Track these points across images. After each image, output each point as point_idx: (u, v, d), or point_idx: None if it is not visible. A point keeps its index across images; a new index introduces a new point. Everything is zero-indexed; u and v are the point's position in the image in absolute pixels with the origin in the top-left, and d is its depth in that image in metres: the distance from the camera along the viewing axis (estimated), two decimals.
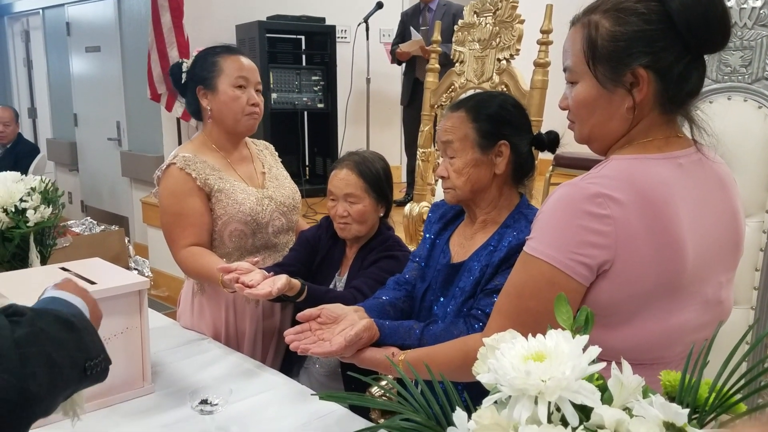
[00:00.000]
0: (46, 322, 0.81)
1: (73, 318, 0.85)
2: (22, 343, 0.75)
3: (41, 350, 0.77)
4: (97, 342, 0.88)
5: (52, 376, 0.77)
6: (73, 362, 0.82)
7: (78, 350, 0.83)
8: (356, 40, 4.93)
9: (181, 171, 1.81)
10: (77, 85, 6.14)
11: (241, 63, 1.88)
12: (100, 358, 0.87)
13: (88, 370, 0.84)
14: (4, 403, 0.71)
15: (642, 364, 1.00)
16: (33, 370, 0.74)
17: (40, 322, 0.80)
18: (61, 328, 0.82)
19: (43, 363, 0.76)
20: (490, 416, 0.62)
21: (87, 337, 0.86)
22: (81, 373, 0.83)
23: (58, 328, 0.81)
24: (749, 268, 1.45)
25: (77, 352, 0.83)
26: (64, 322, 0.83)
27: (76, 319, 0.86)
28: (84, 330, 0.86)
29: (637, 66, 1.03)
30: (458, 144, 1.43)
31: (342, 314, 1.37)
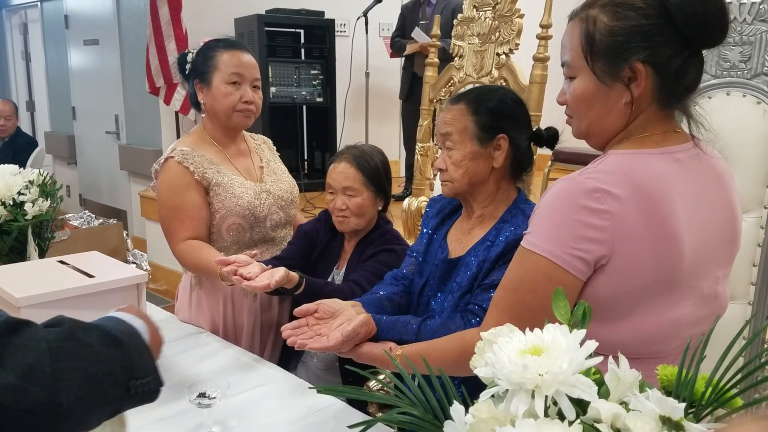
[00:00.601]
0: (91, 336, 0.80)
1: (121, 335, 0.84)
2: (57, 357, 0.74)
3: (77, 365, 0.75)
4: (147, 362, 0.86)
5: (87, 391, 0.76)
6: (114, 379, 0.80)
7: (121, 368, 0.81)
8: (355, 34, 4.91)
9: (179, 165, 1.81)
10: (75, 79, 6.12)
11: (237, 59, 1.86)
12: (148, 378, 0.85)
13: (132, 389, 0.82)
14: (31, 416, 0.71)
15: (639, 358, 1.00)
16: (66, 385, 0.73)
17: (82, 335, 0.79)
18: (105, 344, 0.81)
19: (78, 377, 0.75)
20: (487, 410, 0.63)
21: (135, 355, 0.84)
22: (123, 391, 0.81)
23: (101, 343, 0.80)
24: (747, 264, 1.46)
25: (120, 370, 0.81)
26: (111, 338, 0.82)
27: (124, 337, 0.84)
28: (132, 348, 0.84)
29: (635, 61, 1.03)
30: (457, 136, 1.43)
31: (339, 309, 1.37)
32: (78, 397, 0.74)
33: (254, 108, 1.89)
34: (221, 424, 1.27)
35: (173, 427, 1.26)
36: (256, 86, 1.90)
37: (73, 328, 0.79)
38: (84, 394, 0.75)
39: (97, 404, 0.78)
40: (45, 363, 0.72)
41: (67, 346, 0.75)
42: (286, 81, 4.91)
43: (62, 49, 6.24)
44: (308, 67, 5.03)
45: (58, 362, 0.73)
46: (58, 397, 0.72)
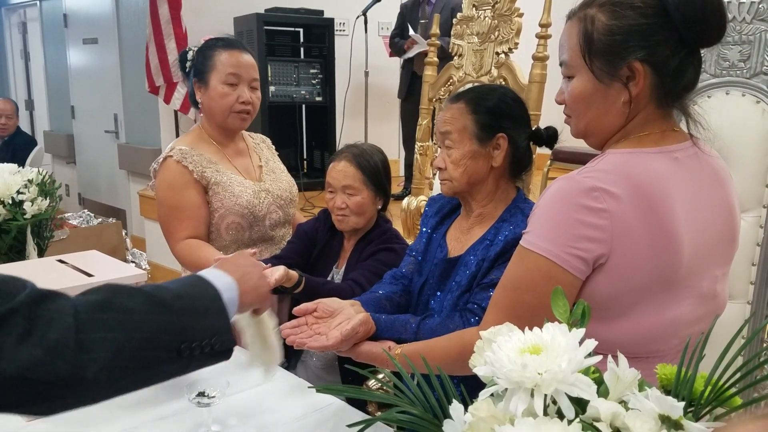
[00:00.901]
0: (133, 301, 0.80)
1: (173, 299, 0.84)
2: (83, 329, 0.74)
3: (107, 336, 0.76)
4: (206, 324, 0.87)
5: (118, 360, 0.77)
6: (157, 345, 0.81)
7: (166, 332, 0.82)
8: (355, 33, 4.91)
9: (177, 164, 1.81)
10: (74, 78, 6.11)
11: (235, 59, 1.86)
12: (206, 341, 0.86)
13: (185, 353, 0.83)
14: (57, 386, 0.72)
15: (638, 357, 1.01)
16: (92, 356, 0.74)
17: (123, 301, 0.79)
18: (148, 310, 0.81)
19: (107, 348, 0.75)
20: (486, 409, 0.63)
21: (187, 318, 0.84)
22: (173, 354, 0.82)
23: (144, 310, 0.80)
24: (746, 263, 1.46)
25: (163, 334, 0.81)
26: (157, 303, 0.82)
27: (178, 301, 0.84)
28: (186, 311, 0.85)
29: (634, 60, 1.03)
30: (456, 135, 1.43)
31: (338, 308, 1.37)
32: (106, 367, 0.75)
33: (251, 108, 1.89)
34: (220, 423, 1.27)
35: (172, 426, 1.26)
36: (254, 86, 1.89)
37: (112, 296, 0.79)
38: (114, 363, 0.76)
39: (133, 370, 0.79)
40: (70, 336, 0.73)
41: (97, 318, 0.76)
42: (285, 80, 4.90)
43: (61, 48, 6.23)
44: (307, 66, 5.03)
45: (84, 334, 0.74)
46: (83, 369, 0.73)
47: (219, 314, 0.90)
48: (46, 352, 0.71)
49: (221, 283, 0.94)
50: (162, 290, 0.85)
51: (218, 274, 0.97)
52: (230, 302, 0.94)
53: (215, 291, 0.92)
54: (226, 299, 0.93)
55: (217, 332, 0.88)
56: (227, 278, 0.96)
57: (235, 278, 0.97)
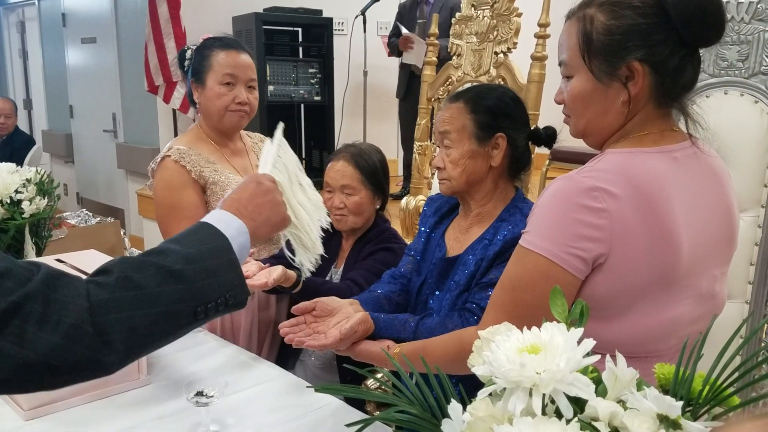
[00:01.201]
0: (145, 277, 0.79)
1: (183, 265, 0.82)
2: (99, 312, 0.75)
3: (123, 315, 0.76)
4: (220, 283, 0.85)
5: (136, 336, 0.77)
6: (174, 314, 0.81)
7: (181, 301, 0.81)
8: (353, 33, 4.91)
9: (176, 163, 1.81)
10: (73, 77, 6.11)
11: (231, 59, 1.85)
12: (221, 299, 0.85)
13: (200, 314, 0.83)
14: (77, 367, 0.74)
15: (636, 357, 1.01)
16: (109, 338, 0.75)
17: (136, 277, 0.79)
18: (161, 282, 0.80)
19: (123, 327, 0.76)
20: (485, 408, 0.63)
21: (200, 282, 0.83)
22: (190, 318, 0.83)
23: (156, 283, 0.80)
24: (744, 263, 1.46)
25: (181, 304, 0.81)
26: (169, 274, 0.81)
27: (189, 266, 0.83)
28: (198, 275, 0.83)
29: (633, 59, 1.03)
30: (455, 135, 1.44)
31: (337, 307, 1.37)
32: (124, 347, 0.76)
33: (248, 109, 1.88)
34: (219, 422, 1.26)
35: (170, 425, 1.26)
36: (251, 86, 1.89)
37: (123, 274, 0.78)
38: (131, 340, 0.77)
39: (151, 342, 0.80)
40: (86, 321, 0.74)
41: (112, 298, 0.76)
42: (284, 79, 4.90)
43: (59, 47, 6.23)
44: (306, 66, 5.03)
45: (99, 316, 0.74)
46: (102, 352, 0.75)
47: (231, 269, 0.88)
48: (64, 337, 0.72)
49: (231, 231, 0.90)
50: (172, 255, 0.83)
51: (227, 218, 0.92)
52: (242, 248, 0.92)
53: (226, 243, 0.89)
54: (237, 247, 0.90)
55: (231, 288, 0.87)
56: (236, 222, 0.92)
57: (244, 219, 0.94)
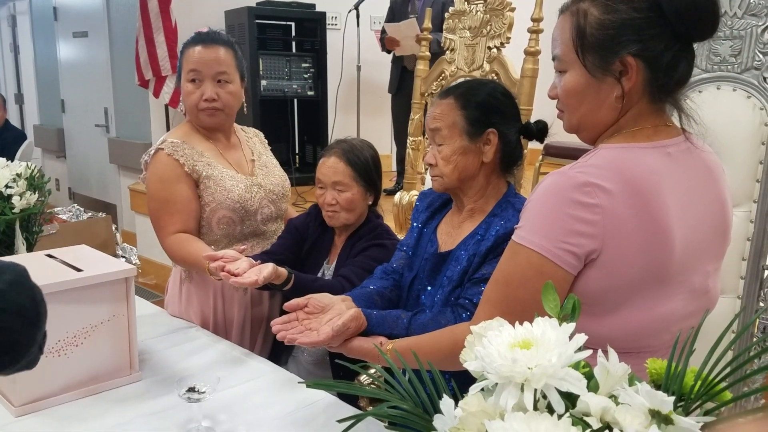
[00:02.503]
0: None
1: None
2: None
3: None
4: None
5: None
6: None
7: None
8: (346, 27, 4.89)
9: (169, 157, 1.79)
10: (64, 71, 6.07)
11: (196, 55, 1.80)
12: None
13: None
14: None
15: (629, 352, 1.01)
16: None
17: None
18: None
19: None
20: (476, 403, 0.62)
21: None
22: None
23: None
24: (736, 258, 1.46)
25: None
26: None
27: None
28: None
29: (626, 54, 1.03)
30: (446, 131, 1.43)
31: (329, 304, 1.37)
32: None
33: (219, 105, 1.82)
34: (211, 418, 1.26)
35: (163, 421, 1.25)
36: (222, 80, 1.82)
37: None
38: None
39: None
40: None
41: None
42: (276, 74, 4.88)
43: (51, 41, 6.19)
44: (299, 60, 5.01)
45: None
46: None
47: None
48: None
49: None
50: None
51: None
52: None
53: None
54: None
55: None
56: None
57: None
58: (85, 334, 1.34)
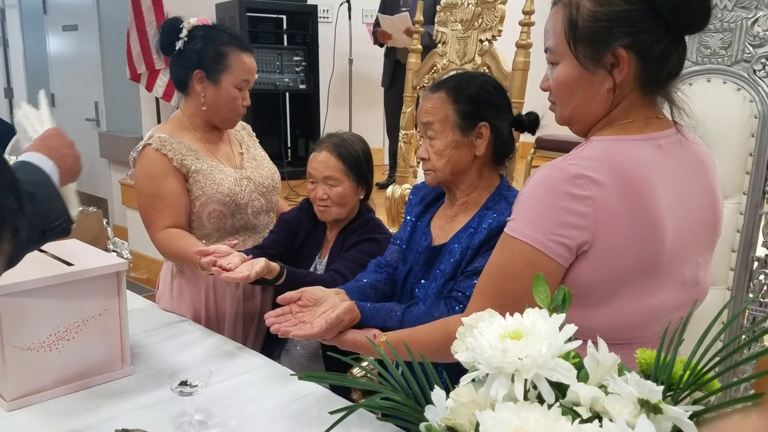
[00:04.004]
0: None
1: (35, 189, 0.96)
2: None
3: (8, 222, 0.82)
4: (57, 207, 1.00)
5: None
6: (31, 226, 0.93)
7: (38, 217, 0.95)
8: (338, 20, 4.88)
9: (157, 152, 1.78)
10: (54, 65, 6.02)
11: (251, 65, 1.86)
12: (59, 221, 1.00)
13: (47, 233, 0.98)
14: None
15: (620, 343, 1.01)
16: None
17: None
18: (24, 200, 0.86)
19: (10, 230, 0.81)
20: (467, 394, 0.63)
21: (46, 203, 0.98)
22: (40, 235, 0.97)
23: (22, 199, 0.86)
24: (726, 250, 1.47)
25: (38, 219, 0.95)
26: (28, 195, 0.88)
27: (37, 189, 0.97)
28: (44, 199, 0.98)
29: (618, 46, 1.03)
30: (438, 125, 1.43)
31: (323, 297, 1.37)
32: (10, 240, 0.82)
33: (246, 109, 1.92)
34: (203, 412, 1.26)
35: (155, 415, 1.25)
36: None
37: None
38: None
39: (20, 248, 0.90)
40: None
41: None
42: (268, 67, 4.86)
43: (40, 35, 6.13)
44: (291, 54, 4.99)
45: None
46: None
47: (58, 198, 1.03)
48: None
49: (47, 168, 1.05)
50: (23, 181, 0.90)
51: (41, 159, 1.06)
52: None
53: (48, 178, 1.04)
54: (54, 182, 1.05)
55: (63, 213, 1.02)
56: (49, 162, 1.07)
57: (54, 161, 1.08)
58: (77, 328, 1.34)
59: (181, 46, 1.83)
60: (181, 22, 1.84)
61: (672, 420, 0.57)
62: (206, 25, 1.86)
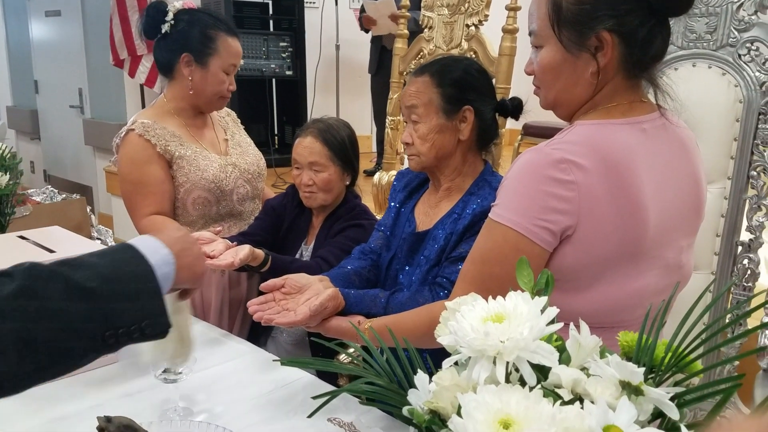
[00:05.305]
0: (51, 289, 0.73)
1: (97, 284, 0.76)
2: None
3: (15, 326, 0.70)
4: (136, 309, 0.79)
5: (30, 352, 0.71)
6: (77, 332, 0.75)
7: (88, 321, 0.75)
8: (325, 6, 4.83)
9: (140, 138, 1.76)
10: (37, 51, 5.94)
11: (238, 49, 1.87)
12: (133, 327, 0.79)
13: (109, 338, 0.77)
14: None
15: (603, 327, 1.02)
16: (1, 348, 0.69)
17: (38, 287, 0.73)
18: (67, 298, 0.74)
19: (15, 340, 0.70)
20: (450, 377, 0.63)
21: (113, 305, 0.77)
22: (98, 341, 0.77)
23: (63, 298, 0.74)
24: (710, 234, 1.48)
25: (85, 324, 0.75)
26: (79, 289, 0.75)
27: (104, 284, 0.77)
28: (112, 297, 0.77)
29: (602, 30, 1.02)
30: (422, 109, 1.42)
31: (307, 284, 1.36)
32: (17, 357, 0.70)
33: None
34: (188, 399, 1.25)
35: (139, 402, 1.24)
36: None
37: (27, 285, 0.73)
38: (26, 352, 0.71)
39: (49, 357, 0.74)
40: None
41: (9, 306, 0.70)
42: (254, 53, 4.81)
43: (23, 20, 6.04)
44: (277, 40, 4.94)
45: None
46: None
47: (152, 296, 0.82)
48: None
49: (157, 258, 0.85)
50: (87, 270, 0.78)
51: (155, 245, 0.86)
52: (165, 279, 0.85)
53: (149, 268, 0.83)
54: (161, 276, 0.84)
55: (149, 315, 0.81)
56: (164, 250, 0.86)
57: (173, 252, 0.87)
58: None
59: (167, 30, 1.81)
60: (166, 5, 1.82)
61: (653, 402, 0.57)
62: (192, 9, 1.84)
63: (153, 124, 1.78)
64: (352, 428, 1.13)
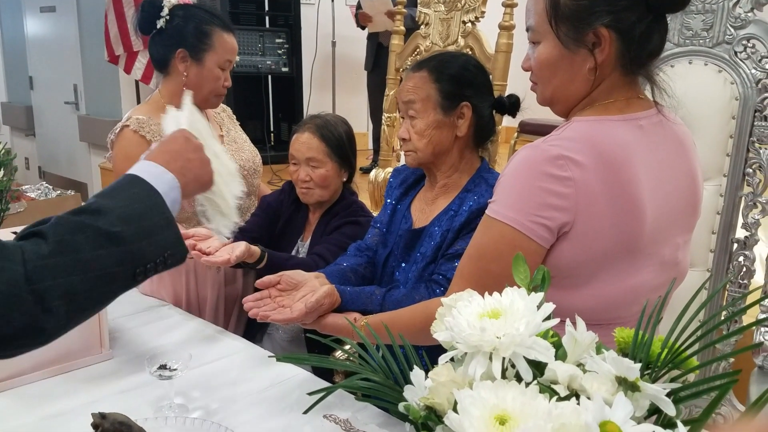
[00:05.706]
0: (81, 240, 0.77)
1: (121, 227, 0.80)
2: (34, 279, 0.72)
3: (59, 282, 0.74)
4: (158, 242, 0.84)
5: (74, 300, 0.76)
6: (112, 277, 0.79)
7: (120, 264, 0.80)
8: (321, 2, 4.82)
9: (135, 134, 1.75)
10: (32, 47, 5.91)
11: (234, 45, 1.85)
12: (160, 258, 0.84)
13: (139, 275, 0.82)
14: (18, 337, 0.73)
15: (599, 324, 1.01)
16: (49, 305, 0.73)
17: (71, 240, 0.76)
18: (98, 246, 0.78)
19: (61, 294, 0.74)
20: (446, 373, 0.62)
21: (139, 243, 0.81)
22: (129, 279, 0.82)
23: (93, 246, 0.77)
24: (706, 231, 1.48)
25: (118, 267, 0.80)
26: (106, 236, 0.78)
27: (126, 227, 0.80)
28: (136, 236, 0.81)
29: (599, 26, 1.02)
30: (420, 105, 1.42)
31: (302, 280, 1.35)
32: (65, 311, 0.75)
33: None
34: (183, 395, 1.25)
35: (135, 399, 1.24)
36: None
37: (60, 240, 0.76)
38: (71, 306, 0.76)
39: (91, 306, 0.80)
40: (22, 287, 0.72)
41: (49, 264, 0.74)
42: (250, 50, 4.80)
43: (18, 16, 6.01)
44: (273, 36, 4.93)
45: (37, 283, 0.73)
46: (42, 320, 0.73)
47: (167, 227, 0.85)
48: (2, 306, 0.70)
49: (163, 186, 0.88)
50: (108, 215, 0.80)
51: (157, 171, 0.90)
52: (174, 204, 0.89)
53: (160, 199, 0.86)
54: (170, 203, 0.88)
55: (169, 246, 0.85)
56: (167, 176, 0.90)
57: (175, 173, 0.91)
58: None
59: (162, 25, 1.81)
60: (161, 0, 1.81)
61: (650, 398, 0.57)
62: (187, 4, 1.83)
63: (148, 120, 1.78)
64: (348, 425, 1.13)
